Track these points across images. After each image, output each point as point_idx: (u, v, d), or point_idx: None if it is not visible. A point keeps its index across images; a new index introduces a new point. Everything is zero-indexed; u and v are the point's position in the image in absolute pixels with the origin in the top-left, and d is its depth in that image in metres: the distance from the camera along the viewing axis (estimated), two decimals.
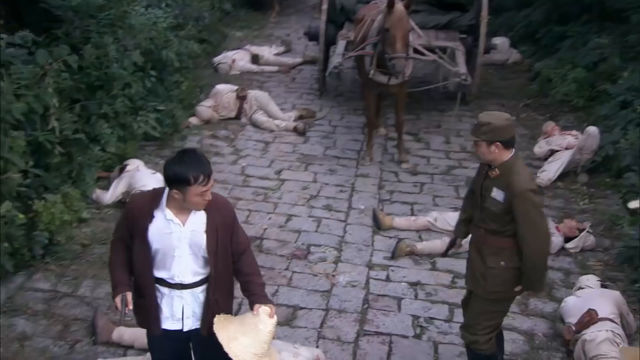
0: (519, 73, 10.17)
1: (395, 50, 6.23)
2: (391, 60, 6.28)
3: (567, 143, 7.09)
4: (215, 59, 10.28)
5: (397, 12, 6.23)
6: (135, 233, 3.11)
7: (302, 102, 9.11)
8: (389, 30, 6.24)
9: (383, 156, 7.49)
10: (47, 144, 5.29)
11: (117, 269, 3.24)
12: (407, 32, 6.38)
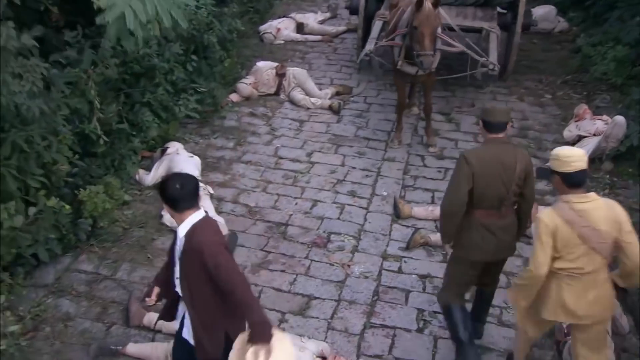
0: (563, 44, 10.05)
1: (423, 48, 6.41)
2: (419, 57, 6.47)
3: (595, 129, 7.13)
4: (261, 28, 10.56)
5: (426, 11, 6.36)
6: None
7: (340, 76, 9.35)
8: (417, 28, 6.40)
9: (412, 138, 7.72)
10: (93, 136, 5.80)
11: (163, 265, 3.81)
12: (435, 29, 6.52)
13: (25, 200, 5.06)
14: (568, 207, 3.74)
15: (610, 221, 3.72)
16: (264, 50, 10.02)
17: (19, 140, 4.76)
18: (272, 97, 8.63)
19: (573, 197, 3.74)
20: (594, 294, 3.84)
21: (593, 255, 3.75)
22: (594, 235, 3.70)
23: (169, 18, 3.81)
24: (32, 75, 4.01)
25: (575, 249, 3.74)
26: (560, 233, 3.72)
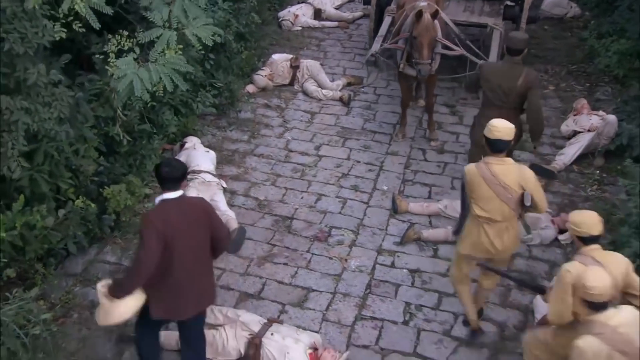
0: (574, 30, 10.23)
1: (422, 57, 6.83)
2: (417, 65, 6.88)
3: (590, 125, 7.46)
4: (279, 14, 10.96)
5: (425, 22, 6.73)
6: None
7: (353, 65, 9.75)
8: (416, 37, 6.79)
9: (416, 131, 8.14)
10: (117, 137, 6.39)
11: None
12: (433, 39, 6.91)
13: (56, 198, 5.72)
14: (486, 167, 4.73)
15: (517, 180, 4.69)
16: (281, 38, 10.44)
17: (50, 150, 5.37)
18: (287, 87, 9.10)
19: (492, 159, 4.75)
20: (505, 237, 4.84)
21: (503, 206, 4.73)
22: (503, 191, 4.70)
23: (169, 83, 4.37)
24: (60, 103, 4.57)
25: (490, 202, 4.73)
26: (474, 185, 4.76)
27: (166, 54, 4.38)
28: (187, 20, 4.49)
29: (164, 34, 4.38)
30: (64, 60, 4.97)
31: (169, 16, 4.39)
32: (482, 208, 4.77)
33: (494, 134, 4.70)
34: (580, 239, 4.24)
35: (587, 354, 3.77)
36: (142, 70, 4.20)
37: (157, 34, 4.40)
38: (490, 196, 4.71)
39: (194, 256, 4.28)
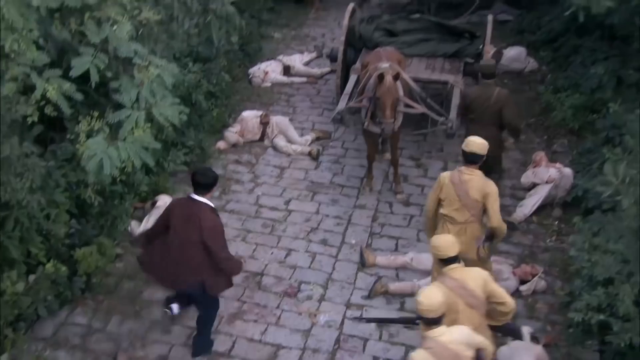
0: (532, 84, 10.66)
1: (385, 117, 7.15)
2: (381, 124, 7.19)
3: (548, 177, 7.76)
4: (250, 71, 11.26)
5: (387, 84, 7.07)
6: None
7: (322, 119, 10.02)
8: (379, 98, 7.11)
9: (383, 184, 8.39)
10: (88, 199, 6.51)
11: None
12: (395, 100, 7.25)
13: (27, 262, 5.80)
14: (458, 175, 5.66)
15: (480, 191, 5.57)
16: (252, 94, 10.71)
17: (21, 217, 5.49)
18: (257, 143, 9.32)
19: (465, 169, 5.68)
20: (463, 238, 5.48)
21: (464, 210, 5.62)
22: (466, 197, 5.60)
23: (138, 160, 4.60)
24: (32, 173, 4.72)
25: (454, 203, 5.64)
26: (445, 187, 5.68)
27: (135, 133, 4.60)
28: (154, 101, 4.71)
29: (132, 114, 4.61)
30: (37, 132, 5.15)
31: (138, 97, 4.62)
32: (447, 208, 5.69)
33: (469, 147, 5.66)
34: (441, 261, 4.88)
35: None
36: (111, 149, 4.42)
37: (126, 115, 4.63)
38: (454, 199, 5.65)
39: (181, 243, 5.33)
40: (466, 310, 4.71)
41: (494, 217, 5.57)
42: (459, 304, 4.70)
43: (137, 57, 4.67)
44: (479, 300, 4.75)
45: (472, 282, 4.76)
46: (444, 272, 4.83)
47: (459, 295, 4.71)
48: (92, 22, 4.48)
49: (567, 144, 8.78)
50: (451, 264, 4.82)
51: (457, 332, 4.31)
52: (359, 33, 9.69)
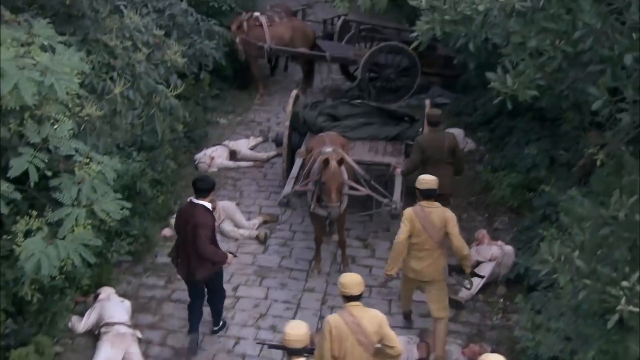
0: (471, 163, 11.02)
1: (330, 201, 7.30)
2: (327, 208, 7.33)
3: (491, 255, 7.96)
4: (196, 157, 11.32)
5: (332, 169, 7.26)
6: None
7: (269, 202, 10.09)
8: (325, 183, 7.27)
9: (332, 266, 8.44)
10: (27, 296, 6.30)
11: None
12: (340, 184, 7.46)
13: None
14: (420, 209, 6.59)
15: (441, 219, 6.51)
16: None
17: None
18: None
19: (425, 203, 6.63)
20: (429, 262, 6.58)
21: (429, 239, 6.52)
22: (430, 227, 6.51)
23: (78, 258, 4.57)
24: None
25: (421, 234, 6.52)
26: (413, 222, 6.53)
27: (75, 230, 4.56)
28: (96, 197, 4.71)
29: (72, 211, 4.58)
30: None
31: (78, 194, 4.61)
32: (415, 238, 6.54)
33: (423, 185, 6.67)
34: (345, 297, 5.31)
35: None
36: (50, 249, 4.37)
37: (66, 213, 4.60)
38: (421, 230, 6.51)
39: (185, 242, 6.70)
40: (355, 346, 5.16)
41: (456, 238, 6.51)
42: (349, 339, 5.15)
43: (78, 154, 4.69)
44: (368, 340, 5.18)
45: (367, 321, 5.22)
46: (345, 307, 5.30)
47: (352, 331, 5.16)
48: (32, 122, 4.51)
49: (507, 222, 9.05)
50: (353, 301, 5.29)
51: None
52: (303, 118, 9.95)
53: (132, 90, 5.81)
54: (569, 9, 4.98)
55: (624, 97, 4.64)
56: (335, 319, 5.22)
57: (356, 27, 14.03)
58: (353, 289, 5.25)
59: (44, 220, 4.66)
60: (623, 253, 4.42)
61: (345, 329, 5.14)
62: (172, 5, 10.59)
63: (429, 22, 5.46)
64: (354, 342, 5.13)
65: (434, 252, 6.57)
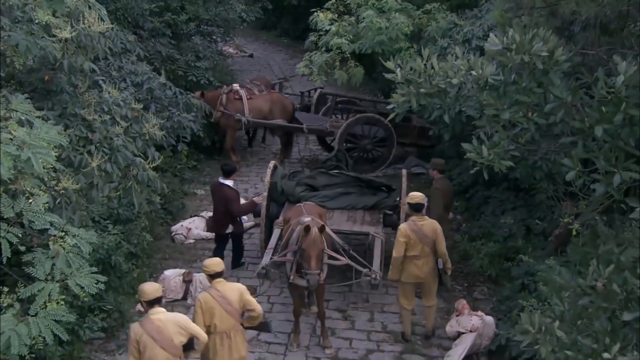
0: (449, 232, 11.05)
1: (311, 268, 7.25)
2: (307, 276, 7.26)
3: (472, 325, 7.88)
4: (172, 228, 11.21)
5: (312, 236, 7.23)
6: None
7: (247, 274, 9.95)
8: (305, 250, 7.23)
9: (311, 339, 8.27)
10: None
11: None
12: (321, 251, 7.44)
13: None
14: (413, 224, 7.72)
15: (432, 230, 7.70)
16: (174, 252, 10.60)
17: None
18: (180, 302, 9.10)
19: (416, 217, 7.77)
20: (427, 267, 7.81)
21: (424, 247, 7.68)
22: (424, 238, 7.68)
23: (50, 335, 4.46)
24: None
25: (416, 245, 7.65)
26: (409, 236, 7.64)
27: (47, 306, 4.44)
28: (70, 271, 4.62)
29: (45, 287, 4.48)
30: None
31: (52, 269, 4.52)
32: (411, 250, 7.65)
33: (414, 199, 7.80)
34: (209, 276, 6.56)
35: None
36: (21, 326, 4.23)
37: (39, 288, 4.50)
38: (416, 242, 7.61)
39: (215, 207, 9.72)
40: (223, 314, 6.40)
41: (441, 247, 7.80)
42: (216, 309, 6.39)
43: (53, 228, 4.61)
44: (233, 308, 6.46)
45: (230, 293, 6.49)
46: (212, 285, 6.54)
47: (218, 303, 6.39)
48: (6, 197, 4.45)
49: (487, 291, 9.04)
50: (216, 278, 6.53)
51: (173, 315, 6.15)
52: (282, 188, 9.96)
53: (109, 163, 5.80)
54: (540, 83, 5.14)
55: (597, 167, 4.73)
56: (204, 295, 6.49)
57: (333, 100, 14.31)
58: (215, 267, 6.55)
59: (15, 297, 4.52)
60: (603, 323, 4.40)
61: (212, 302, 6.39)
62: (151, 79, 10.73)
63: (404, 95, 5.59)
64: (221, 311, 6.40)
65: (428, 257, 7.76)
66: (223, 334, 6.46)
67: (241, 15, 17.26)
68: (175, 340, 5.93)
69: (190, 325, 6.08)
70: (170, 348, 5.91)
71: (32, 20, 5.65)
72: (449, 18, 13.08)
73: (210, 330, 6.41)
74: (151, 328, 5.86)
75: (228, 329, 6.47)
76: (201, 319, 6.33)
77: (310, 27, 14.75)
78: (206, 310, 6.37)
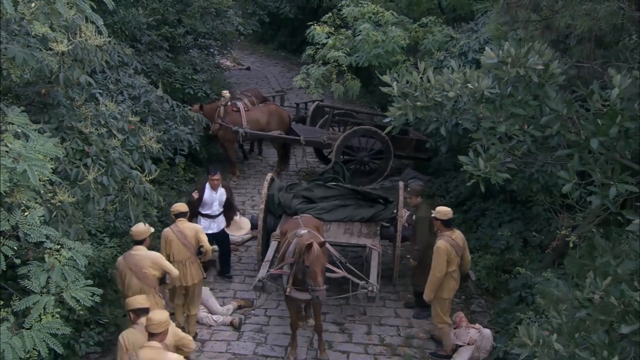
0: None
1: (317, 284, 7.22)
2: (314, 292, 7.24)
3: (469, 338, 7.86)
4: None
5: (315, 252, 7.21)
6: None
7: (244, 287, 9.92)
8: (309, 267, 7.21)
9: (308, 352, 8.22)
10: None
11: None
12: (324, 266, 7.44)
13: None
14: (449, 238, 7.71)
15: (463, 241, 7.89)
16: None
17: None
18: None
19: (449, 232, 7.78)
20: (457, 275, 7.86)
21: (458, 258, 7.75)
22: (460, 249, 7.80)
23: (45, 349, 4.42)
24: None
25: (454, 260, 7.70)
26: (450, 254, 7.66)
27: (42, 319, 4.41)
28: (66, 284, 4.60)
29: (40, 300, 4.45)
30: None
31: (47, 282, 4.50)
32: (451, 265, 7.66)
33: (446, 215, 7.80)
34: (175, 216, 8.19)
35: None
36: (15, 339, 4.19)
37: (34, 301, 4.47)
38: (454, 256, 7.67)
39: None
40: (180, 246, 7.99)
41: (468, 255, 8.11)
42: (175, 242, 7.99)
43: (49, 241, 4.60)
44: (188, 241, 8.06)
45: (188, 231, 8.09)
46: (175, 223, 8.16)
47: (177, 237, 8.01)
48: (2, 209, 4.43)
49: (484, 304, 9.00)
50: (179, 218, 8.16)
51: (149, 253, 7.40)
52: (279, 200, 9.96)
53: (106, 176, 5.78)
54: (535, 96, 5.16)
55: (593, 180, 4.74)
56: (167, 230, 8.14)
57: (330, 112, 14.33)
58: (181, 207, 8.31)
59: (10, 310, 4.49)
60: (601, 336, 4.40)
61: (172, 235, 8.02)
62: (148, 92, 10.74)
63: (401, 108, 5.61)
64: (179, 244, 7.98)
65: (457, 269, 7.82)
66: (180, 263, 7.95)
67: (238, 28, 17.31)
68: (149, 273, 7.21)
69: (163, 263, 7.40)
70: (144, 279, 7.19)
71: (29, 34, 5.65)
72: (445, 31, 13.14)
73: (170, 259, 7.83)
74: (130, 261, 7.25)
75: (184, 259, 8.01)
76: (164, 247, 7.95)
77: (307, 40, 14.80)
78: (167, 243, 7.99)
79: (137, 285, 7.19)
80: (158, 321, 5.74)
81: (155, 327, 5.73)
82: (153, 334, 5.71)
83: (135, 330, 6.26)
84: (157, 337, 5.73)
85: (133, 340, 6.14)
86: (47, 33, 5.66)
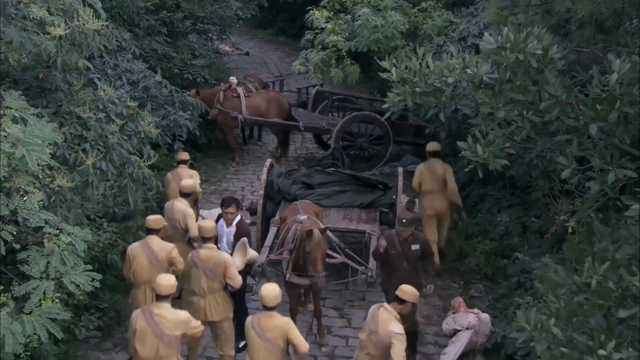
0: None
1: (317, 271, 7.27)
2: (314, 278, 7.29)
3: (468, 323, 7.88)
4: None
5: (316, 238, 7.24)
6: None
7: None
8: (309, 253, 7.23)
9: (307, 337, 8.23)
10: None
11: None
12: (325, 252, 7.45)
13: None
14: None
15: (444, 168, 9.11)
16: None
17: None
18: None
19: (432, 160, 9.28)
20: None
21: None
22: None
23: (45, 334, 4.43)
24: None
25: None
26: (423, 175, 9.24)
27: (42, 304, 4.43)
28: (65, 269, 4.60)
29: (40, 285, 4.46)
30: None
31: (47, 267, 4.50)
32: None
33: (433, 147, 9.42)
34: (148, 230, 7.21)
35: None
36: (15, 325, 4.21)
37: (34, 286, 4.48)
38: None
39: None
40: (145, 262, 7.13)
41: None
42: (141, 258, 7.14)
43: (48, 226, 4.60)
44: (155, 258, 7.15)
45: (157, 247, 7.18)
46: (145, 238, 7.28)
47: (145, 252, 7.14)
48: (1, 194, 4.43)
49: (482, 289, 9.04)
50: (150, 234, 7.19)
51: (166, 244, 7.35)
52: (278, 186, 9.95)
53: (104, 162, 5.78)
54: (534, 81, 5.14)
55: (592, 165, 4.74)
56: (134, 245, 7.30)
57: (329, 98, 14.29)
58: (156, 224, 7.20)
59: (10, 295, 4.51)
60: (598, 321, 4.41)
61: (139, 250, 7.15)
62: (147, 77, 10.70)
63: (400, 94, 5.59)
64: (144, 260, 7.12)
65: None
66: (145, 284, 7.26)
67: (237, 13, 17.19)
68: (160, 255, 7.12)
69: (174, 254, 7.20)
70: (155, 262, 7.10)
71: (26, 17, 5.62)
72: (445, 16, 13.08)
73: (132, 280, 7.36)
74: (144, 244, 7.17)
75: (149, 279, 7.10)
76: (127, 266, 7.27)
77: (307, 25, 14.73)
78: (132, 258, 7.20)
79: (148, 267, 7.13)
80: (207, 228, 7.09)
81: (206, 232, 7.09)
82: (206, 238, 7.07)
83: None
84: (210, 240, 7.06)
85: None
86: (45, 17, 5.63)
